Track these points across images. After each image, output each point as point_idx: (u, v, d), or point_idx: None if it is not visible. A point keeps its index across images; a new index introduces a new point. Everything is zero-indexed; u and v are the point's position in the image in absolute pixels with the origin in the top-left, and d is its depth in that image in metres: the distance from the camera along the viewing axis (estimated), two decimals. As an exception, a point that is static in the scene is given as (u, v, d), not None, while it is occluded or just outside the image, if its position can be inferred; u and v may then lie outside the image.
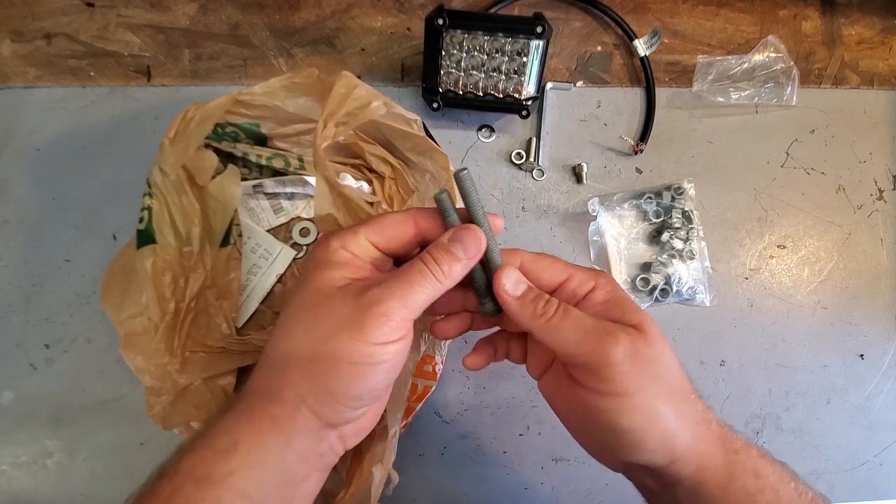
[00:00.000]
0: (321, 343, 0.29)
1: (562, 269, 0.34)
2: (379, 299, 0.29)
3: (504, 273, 0.33)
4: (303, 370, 0.29)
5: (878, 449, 0.56)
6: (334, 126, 0.42)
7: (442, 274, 0.30)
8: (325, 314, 0.30)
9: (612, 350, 0.29)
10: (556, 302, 0.32)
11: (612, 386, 0.30)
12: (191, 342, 0.47)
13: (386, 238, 0.32)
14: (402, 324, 0.30)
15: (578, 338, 0.30)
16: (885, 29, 0.62)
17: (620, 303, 0.33)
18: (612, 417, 0.30)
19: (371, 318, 0.29)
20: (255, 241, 0.53)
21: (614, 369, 0.29)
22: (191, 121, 0.45)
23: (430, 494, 0.52)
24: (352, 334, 0.29)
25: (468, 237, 0.31)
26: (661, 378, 0.30)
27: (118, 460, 0.51)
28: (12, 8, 0.56)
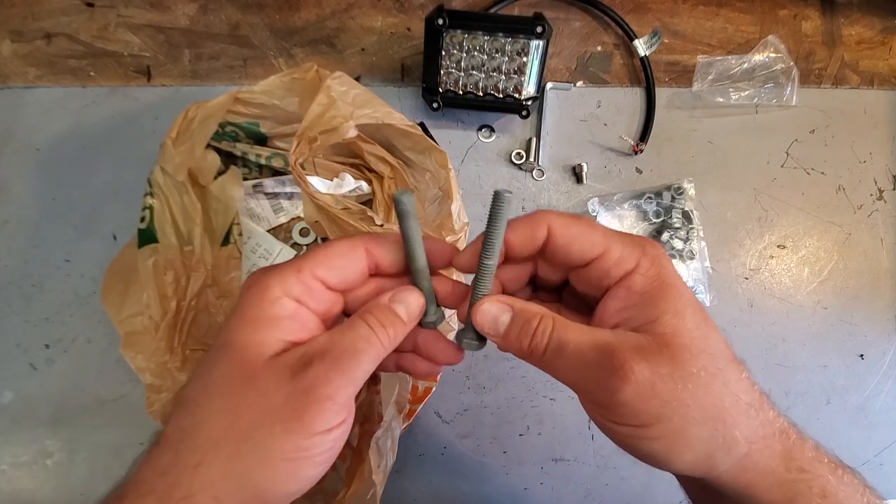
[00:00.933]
0: (246, 435, 0.24)
1: (597, 242, 0.27)
2: (325, 378, 0.24)
3: (481, 311, 0.28)
4: (223, 468, 0.24)
5: (878, 449, 0.56)
6: (307, 143, 0.42)
7: (388, 339, 0.27)
8: (253, 396, 0.24)
9: (620, 390, 0.24)
10: (549, 333, 0.27)
11: (624, 419, 0.25)
12: (191, 341, 0.47)
13: (337, 272, 0.28)
14: (347, 404, 0.25)
15: (578, 375, 0.26)
16: (885, 29, 0.62)
17: (661, 296, 0.26)
18: (629, 442, 0.26)
19: (315, 404, 0.24)
20: (255, 241, 0.53)
21: (625, 408, 0.24)
22: (192, 120, 0.45)
23: (430, 494, 0.52)
24: (288, 425, 0.24)
25: (409, 297, 0.28)
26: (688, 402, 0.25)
27: (118, 460, 0.51)
28: (12, 8, 0.56)
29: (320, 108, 0.42)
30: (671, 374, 0.25)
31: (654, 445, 0.25)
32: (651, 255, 0.27)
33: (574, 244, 0.27)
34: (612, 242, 0.27)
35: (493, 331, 0.28)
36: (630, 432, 0.25)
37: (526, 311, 0.28)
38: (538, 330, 0.27)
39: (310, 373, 0.24)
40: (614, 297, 0.27)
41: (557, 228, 0.27)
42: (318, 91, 0.42)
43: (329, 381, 0.24)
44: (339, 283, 0.28)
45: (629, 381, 0.24)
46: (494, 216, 0.27)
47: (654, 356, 0.25)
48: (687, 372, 0.25)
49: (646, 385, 0.24)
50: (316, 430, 0.24)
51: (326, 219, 0.43)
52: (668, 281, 0.27)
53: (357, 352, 0.26)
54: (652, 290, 0.26)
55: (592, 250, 0.27)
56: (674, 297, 0.26)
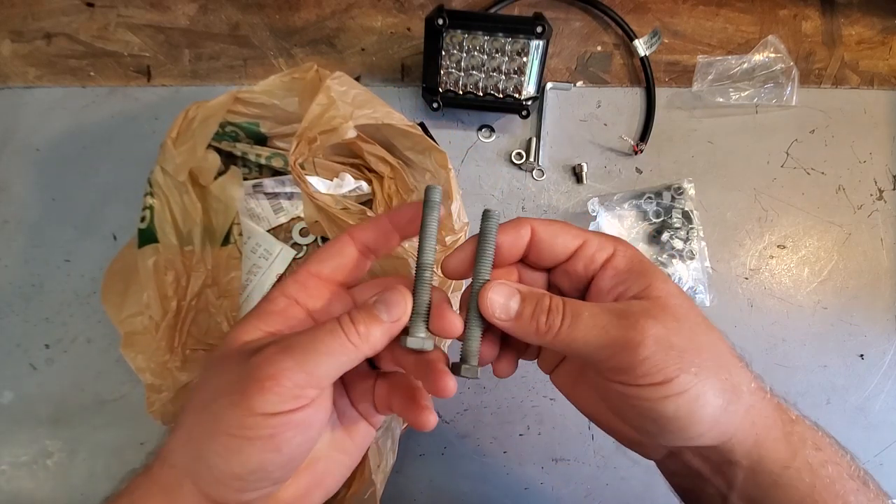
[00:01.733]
0: (203, 407, 0.26)
1: (577, 235, 0.29)
2: (269, 359, 0.25)
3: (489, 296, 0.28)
4: (186, 435, 0.26)
5: (878, 449, 0.56)
6: (307, 144, 0.42)
7: (357, 335, 0.26)
8: (215, 373, 0.27)
9: (642, 345, 0.25)
10: (562, 307, 0.27)
11: (649, 378, 0.26)
12: (192, 340, 0.47)
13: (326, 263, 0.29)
14: (297, 391, 0.24)
15: (599, 341, 0.26)
16: (885, 29, 0.62)
17: (644, 271, 0.28)
18: (653, 406, 0.26)
19: (256, 382, 0.24)
20: (255, 241, 0.53)
21: (648, 363, 0.25)
22: (192, 120, 0.45)
23: (430, 494, 0.52)
24: (231, 398, 0.24)
25: (392, 297, 0.27)
26: (701, 353, 0.26)
27: (118, 460, 0.51)
28: (12, 8, 0.56)
29: (320, 108, 0.42)
30: (678, 328, 0.26)
31: (680, 402, 0.26)
32: (623, 243, 0.30)
33: (557, 238, 0.29)
34: (589, 235, 0.30)
35: (504, 314, 0.28)
36: (654, 393, 0.26)
37: (534, 291, 0.29)
38: (552, 306, 0.27)
39: (261, 353, 0.25)
40: (603, 278, 0.29)
41: (539, 227, 0.29)
42: (318, 91, 0.42)
43: (274, 362, 0.24)
44: (331, 271, 0.29)
45: (648, 335, 0.25)
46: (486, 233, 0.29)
47: (660, 314, 0.26)
48: (689, 327, 0.27)
49: (663, 338, 0.25)
50: (256, 410, 0.24)
51: (326, 219, 0.43)
52: (645, 260, 0.29)
53: (316, 340, 0.25)
54: (634, 265, 0.29)
55: (574, 241, 0.29)
56: (655, 270, 0.29)
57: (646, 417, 0.27)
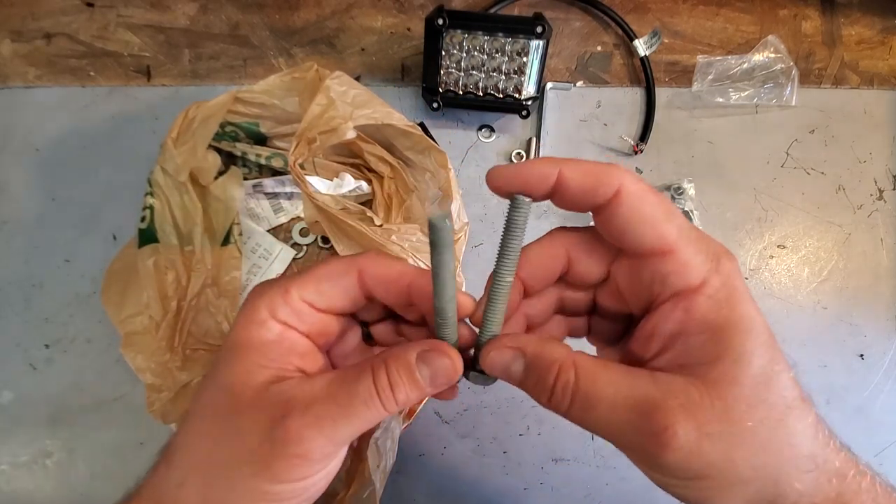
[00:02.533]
0: (220, 469, 0.23)
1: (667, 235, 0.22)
2: (298, 435, 0.22)
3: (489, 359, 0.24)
4: (199, 493, 0.24)
5: (878, 449, 0.56)
6: (307, 144, 0.42)
7: (394, 403, 0.23)
8: (231, 433, 0.24)
9: (663, 455, 0.21)
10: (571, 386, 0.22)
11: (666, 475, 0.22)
12: (192, 340, 0.47)
13: (326, 298, 0.26)
14: (325, 460, 0.23)
15: (613, 436, 0.22)
16: (885, 29, 0.62)
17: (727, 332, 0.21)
18: (667, 489, 0.23)
19: (283, 460, 0.22)
20: (255, 241, 0.53)
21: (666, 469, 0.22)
22: (192, 120, 0.45)
23: (430, 494, 0.52)
24: (255, 470, 0.23)
25: (441, 365, 0.24)
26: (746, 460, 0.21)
27: (118, 460, 0.50)
28: (12, 8, 0.56)
29: (319, 108, 0.42)
30: (721, 433, 0.21)
31: (691, 495, 0.23)
32: (725, 271, 0.22)
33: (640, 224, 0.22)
34: (685, 243, 0.22)
35: (506, 378, 0.25)
36: (669, 482, 0.23)
37: (541, 358, 0.23)
38: (557, 385, 0.23)
39: (284, 425, 0.22)
40: (666, 319, 0.22)
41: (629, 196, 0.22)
42: (318, 91, 0.42)
43: (302, 440, 0.22)
44: (329, 308, 0.26)
45: (671, 448, 0.21)
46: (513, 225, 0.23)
47: (704, 412, 0.21)
48: (741, 427, 0.21)
49: (692, 447, 0.21)
50: (283, 480, 0.23)
51: (326, 219, 0.44)
52: (739, 310, 0.22)
53: (348, 413, 0.23)
54: (718, 320, 0.22)
55: (658, 242, 0.22)
56: (742, 334, 0.21)
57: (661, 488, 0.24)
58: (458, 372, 0.24)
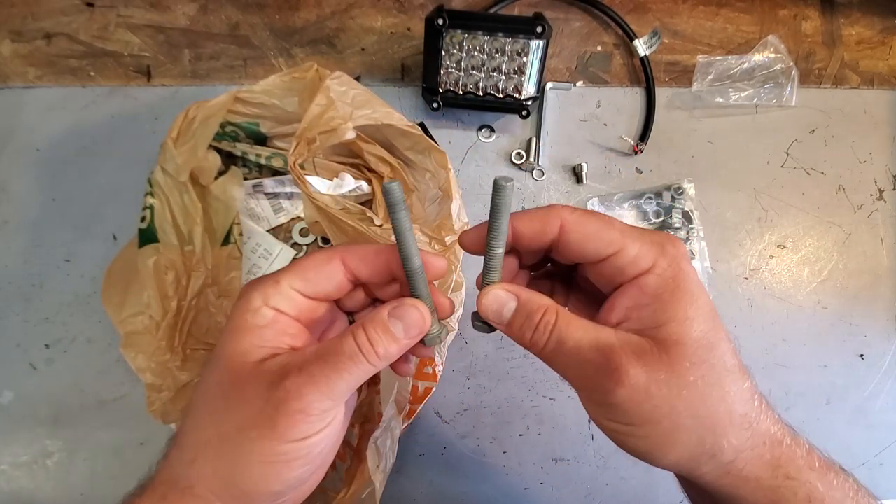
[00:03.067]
0: (229, 437, 0.26)
1: (613, 240, 0.26)
2: (297, 392, 0.25)
3: (486, 298, 0.28)
4: (212, 466, 0.26)
5: (878, 449, 0.56)
6: (306, 144, 0.42)
7: (376, 356, 0.26)
8: (235, 403, 0.26)
9: (614, 392, 0.25)
10: (550, 324, 0.27)
11: (616, 418, 0.26)
12: (192, 340, 0.47)
13: (312, 284, 0.28)
14: (324, 415, 0.26)
15: (577, 371, 0.26)
16: (885, 29, 0.62)
17: (672, 300, 0.26)
18: (617, 438, 0.27)
19: (286, 416, 0.25)
20: (255, 241, 0.53)
21: (617, 409, 0.25)
22: (193, 120, 0.45)
23: (430, 494, 0.52)
24: (262, 432, 0.25)
25: (410, 315, 0.27)
26: (680, 409, 0.25)
27: (118, 460, 0.51)
28: (12, 8, 0.56)
29: (319, 108, 0.42)
30: (667, 381, 0.25)
31: (639, 444, 0.26)
32: (670, 254, 0.26)
33: (589, 241, 0.27)
34: (629, 240, 0.26)
35: (497, 318, 0.28)
36: (619, 428, 0.26)
37: (531, 301, 0.27)
38: (541, 323, 0.27)
39: (283, 385, 0.25)
40: (625, 295, 0.27)
41: (571, 225, 0.27)
42: (318, 91, 0.42)
43: (301, 396, 0.25)
44: (315, 293, 0.29)
45: (623, 385, 0.25)
46: (496, 205, 0.27)
47: (653, 361, 0.25)
48: (684, 380, 0.25)
49: (640, 389, 0.25)
50: (289, 439, 0.25)
51: (326, 219, 0.44)
52: (683, 285, 0.26)
53: (335, 365, 0.26)
54: (665, 292, 0.26)
55: (608, 248, 0.27)
56: (686, 302, 0.26)
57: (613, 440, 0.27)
58: (427, 320, 0.28)
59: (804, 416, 0.55)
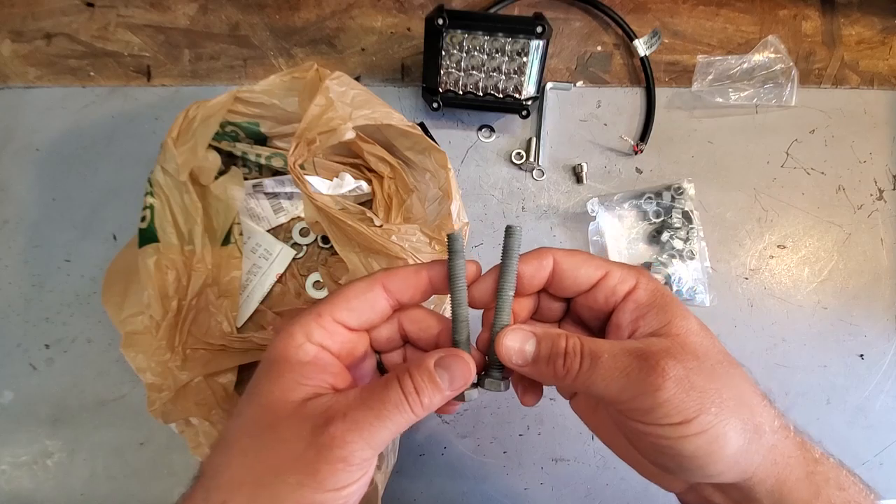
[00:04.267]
0: (265, 482, 0.25)
1: (599, 266, 0.29)
2: (342, 439, 0.24)
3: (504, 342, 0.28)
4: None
5: (878, 449, 0.56)
6: (306, 145, 0.42)
7: (420, 406, 0.26)
8: (273, 443, 0.25)
9: (662, 388, 0.25)
10: (578, 349, 0.27)
11: (667, 419, 0.25)
12: (192, 340, 0.47)
13: (357, 314, 0.28)
14: (364, 464, 0.25)
15: (619, 385, 0.26)
16: (885, 29, 0.62)
17: (665, 305, 0.28)
18: (671, 444, 0.26)
19: (328, 464, 0.24)
20: (255, 241, 0.53)
21: (668, 405, 0.25)
22: (193, 119, 0.45)
23: (430, 494, 0.52)
24: (301, 479, 0.24)
25: (457, 367, 0.27)
26: (721, 392, 0.26)
27: (118, 460, 0.51)
28: (12, 8, 0.56)
29: (318, 109, 0.42)
30: (699, 368, 0.26)
31: (699, 441, 0.25)
32: (646, 275, 0.30)
33: (580, 269, 0.29)
34: (612, 266, 0.29)
35: (521, 360, 0.28)
36: (673, 432, 0.25)
37: (549, 333, 0.28)
38: (568, 348, 0.27)
39: (328, 431, 0.24)
40: (624, 311, 0.29)
41: (562, 259, 0.29)
42: (318, 91, 0.42)
43: (345, 444, 0.24)
44: (360, 324, 0.29)
45: (668, 377, 0.25)
46: (509, 248, 0.29)
47: (680, 353, 0.26)
48: (709, 365, 0.26)
49: (682, 380, 0.25)
50: (328, 488, 0.24)
51: (326, 219, 0.44)
52: (667, 293, 0.29)
53: (382, 418, 0.25)
54: (656, 300, 0.28)
55: (596, 273, 0.29)
56: (676, 304, 0.28)
57: (665, 455, 0.26)
58: (473, 372, 0.27)
59: (804, 416, 0.55)
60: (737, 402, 0.26)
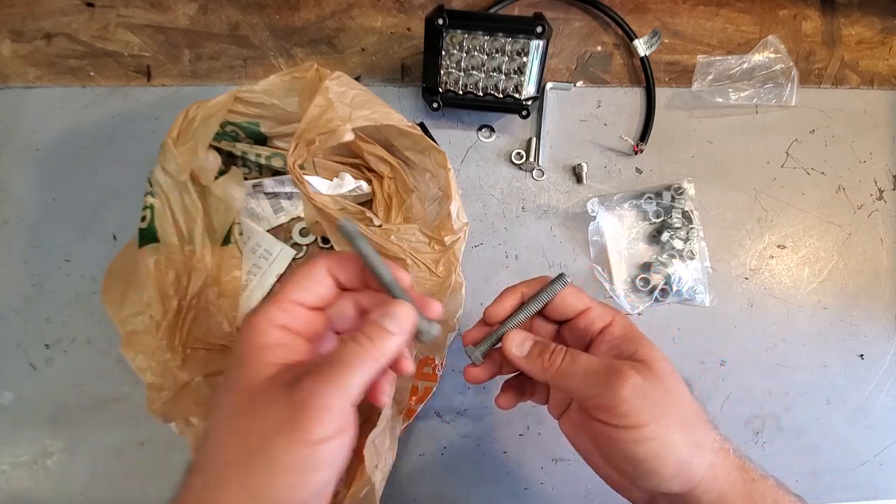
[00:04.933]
0: (255, 450, 0.26)
1: (585, 300, 0.36)
2: (314, 390, 0.27)
3: (510, 336, 0.35)
4: (240, 483, 0.26)
5: (878, 449, 0.56)
6: (306, 146, 0.42)
7: (379, 351, 0.29)
8: (257, 416, 0.27)
9: (622, 387, 0.30)
10: (563, 350, 0.34)
11: (625, 419, 0.30)
12: (192, 339, 0.47)
13: (306, 291, 0.32)
14: (343, 414, 0.27)
15: (589, 380, 0.32)
16: (885, 29, 0.62)
17: (635, 338, 0.34)
18: (628, 448, 0.31)
19: (308, 414, 0.26)
20: (255, 241, 0.53)
21: (625, 405, 0.30)
22: (193, 119, 0.45)
23: (430, 494, 0.52)
24: (289, 436, 0.26)
25: (398, 310, 0.30)
26: (672, 409, 0.31)
27: (118, 460, 0.51)
28: (12, 8, 0.56)
29: (318, 109, 0.42)
30: (656, 386, 0.31)
31: (650, 447, 0.30)
32: (621, 314, 0.36)
33: (569, 298, 0.36)
34: (595, 303, 0.36)
35: (519, 352, 0.35)
36: (629, 435, 0.31)
37: (545, 341, 0.35)
38: (556, 350, 0.34)
39: (302, 386, 0.27)
40: (600, 342, 0.35)
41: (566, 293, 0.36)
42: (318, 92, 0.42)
43: (319, 393, 0.27)
44: (314, 300, 0.32)
45: (628, 381, 0.31)
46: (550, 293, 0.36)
47: (643, 370, 0.32)
48: (666, 386, 0.32)
49: (640, 388, 0.31)
50: (315, 439, 0.26)
51: (325, 220, 0.44)
52: (637, 331, 0.35)
53: (345, 364, 0.28)
54: (627, 333, 0.35)
55: (581, 304, 0.36)
56: (645, 338, 0.35)
57: (624, 458, 0.31)
58: (413, 313, 0.31)
59: (804, 416, 0.55)
60: (683, 420, 0.31)
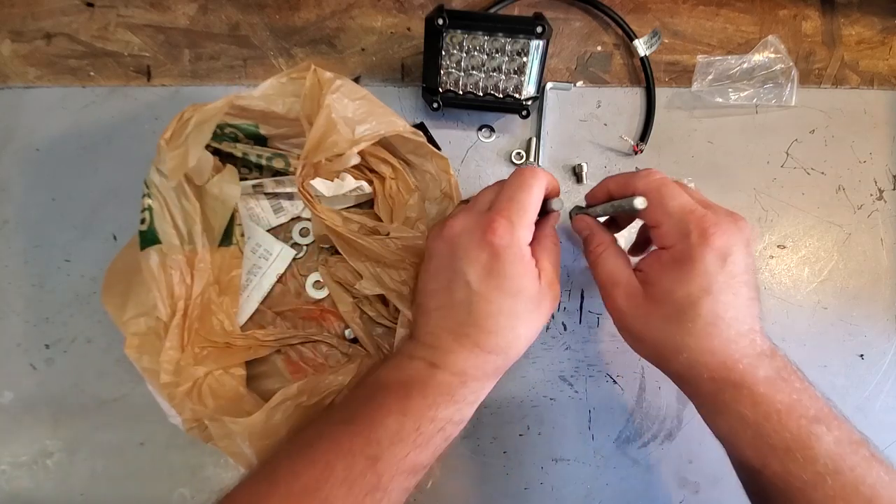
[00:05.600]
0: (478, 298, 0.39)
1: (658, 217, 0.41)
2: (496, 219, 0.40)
3: (578, 218, 0.48)
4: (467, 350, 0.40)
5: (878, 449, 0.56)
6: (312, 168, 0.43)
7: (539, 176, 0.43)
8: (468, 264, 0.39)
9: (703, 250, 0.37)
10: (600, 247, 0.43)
11: (698, 279, 0.36)
12: (198, 339, 0.47)
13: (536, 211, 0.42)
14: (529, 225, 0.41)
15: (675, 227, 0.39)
16: (885, 29, 0.62)
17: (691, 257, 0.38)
18: (691, 311, 0.36)
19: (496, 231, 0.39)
20: (255, 241, 0.53)
21: (702, 265, 0.36)
22: (188, 122, 0.45)
23: (430, 494, 0.52)
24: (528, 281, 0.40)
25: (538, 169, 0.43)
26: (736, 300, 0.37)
27: (118, 460, 0.51)
28: (12, 8, 0.56)
29: (321, 132, 0.41)
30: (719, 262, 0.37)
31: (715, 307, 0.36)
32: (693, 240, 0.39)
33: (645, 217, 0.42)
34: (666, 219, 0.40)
35: (580, 228, 0.46)
36: (691, 295, 0.36)
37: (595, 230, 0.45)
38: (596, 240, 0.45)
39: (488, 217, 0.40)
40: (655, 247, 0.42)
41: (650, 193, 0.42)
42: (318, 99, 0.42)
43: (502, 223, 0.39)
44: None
45: (711, 251, 0.36)
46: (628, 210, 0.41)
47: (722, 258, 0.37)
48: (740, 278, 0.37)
49: (721, 254, 0.36)
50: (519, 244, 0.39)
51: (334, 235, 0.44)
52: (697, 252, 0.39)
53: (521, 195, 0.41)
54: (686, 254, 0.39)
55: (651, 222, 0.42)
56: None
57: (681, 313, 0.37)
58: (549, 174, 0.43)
59: (804, 416, 0.55)
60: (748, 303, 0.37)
